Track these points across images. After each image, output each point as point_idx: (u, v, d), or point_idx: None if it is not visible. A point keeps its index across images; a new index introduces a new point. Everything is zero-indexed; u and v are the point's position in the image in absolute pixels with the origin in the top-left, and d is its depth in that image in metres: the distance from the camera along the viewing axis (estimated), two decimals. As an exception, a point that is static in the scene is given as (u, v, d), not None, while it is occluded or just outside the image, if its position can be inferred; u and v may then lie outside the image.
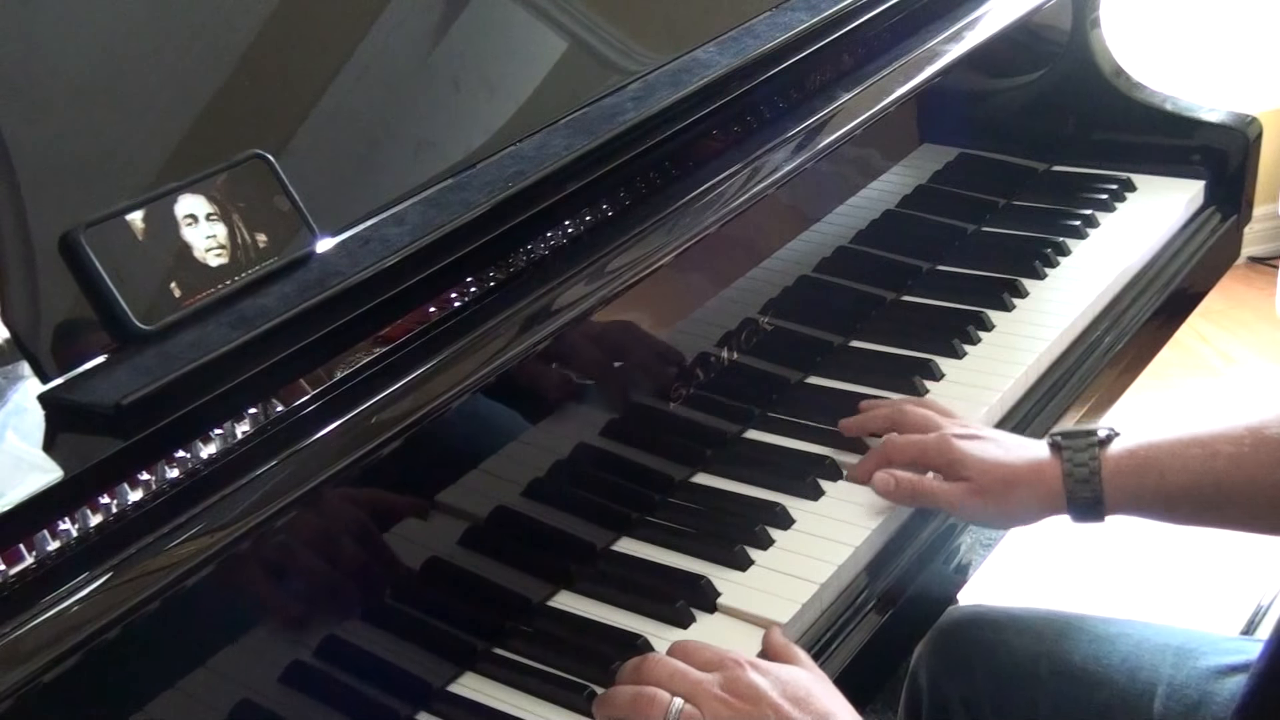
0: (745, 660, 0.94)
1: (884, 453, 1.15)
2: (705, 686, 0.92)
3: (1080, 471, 1.07)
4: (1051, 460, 1.09)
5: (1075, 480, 1.07)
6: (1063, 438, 1.09)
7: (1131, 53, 1.77)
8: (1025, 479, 1.09)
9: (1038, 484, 1.08)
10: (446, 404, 0.94)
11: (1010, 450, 1.11)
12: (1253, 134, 1.59)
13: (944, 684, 1.23)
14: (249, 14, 1.00)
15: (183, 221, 0.88)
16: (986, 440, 1.12)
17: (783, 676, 0.93)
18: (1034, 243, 1.50)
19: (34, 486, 0.76)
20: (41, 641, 0.74)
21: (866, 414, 1.20)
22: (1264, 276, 3.11)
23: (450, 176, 1.01)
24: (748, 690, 0.91)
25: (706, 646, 0.97)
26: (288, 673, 0.90)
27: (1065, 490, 1.07)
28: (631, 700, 0.93)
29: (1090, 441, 1.08)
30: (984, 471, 1.09)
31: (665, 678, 0.93)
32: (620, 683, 0.96)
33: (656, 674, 0.94)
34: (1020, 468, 1.09)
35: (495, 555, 1.04)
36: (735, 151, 1.16)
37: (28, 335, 0.81)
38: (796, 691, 0.91)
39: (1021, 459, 1.10)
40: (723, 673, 0.93)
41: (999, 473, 1.09)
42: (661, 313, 1.15)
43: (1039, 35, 1.60)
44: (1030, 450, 1.11)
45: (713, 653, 0.95)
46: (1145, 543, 2.22)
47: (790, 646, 0.99)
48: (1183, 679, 1.13)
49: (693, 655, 0.96)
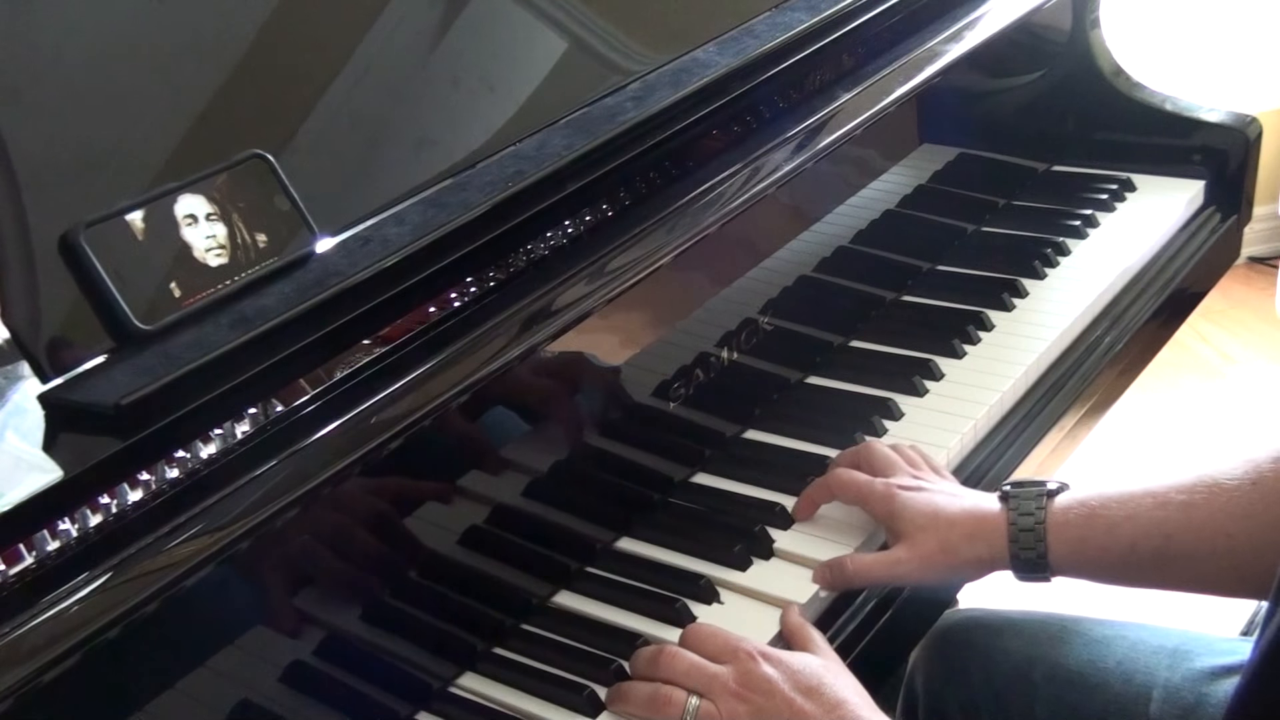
0: (757, 651, 0.94)
1: (828, 486, 1.12)
2: (721, 681, 0.93)
3: (1025, 521, 1.03)
4: (998, 512, 1.05)
5: (1019, 530, 1.03)
6: (1012, 487, 1.06)
7: (1131, 53, 1.77)
8: (965, 530, 1.05)
9: (979, 537, 1.04)
10: (446, 404, 0.94)
11: (954, 500, 1.07)
12: (1253, 134, 1.59)
13: (940, 688, 1.23)
14: (249, 14, 1.00)
15: (183, 221, 0.88)
16: (933, 493, 1.08)
17: (794, 666, 0.93)
18: (1034, 243, 1.50)
19: (34, 486, 0.76)
20: (41, 641, 0.74)
21: (817, 489, 1.14)
22: (1264, 276, 3.11)
23: (450, 176, 1.01)
24: (761, 683, 0.92)
25: (719, 633, 0.97)
26: (288, 673, 0.90)
27: (1009, 542, 1.04)
28: (649, 699, 0.94)
29: (1038, 491, 1.05)
30: (922, 527, 1.05)
31: (681, 674, 0.94)
32: (635, 674, 0.97)
33: (673, 669, 0.94)
34: (958, 518, 1.05)
35: (495, 555, 1.04)
36: (735, 151, 1.16)
37: (28, 335, 0.81)
38: (809, 681, 0.92)
39: (961, 509, 1.06)
40: (735, 665, 0.94)
41: (936, 526, 1.05)
42: (661, 313, 1.15)
43: (1039, 35, 1.60)
44: (976, 501, 1.07)
45: (725, 641, 0.96)
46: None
47: (805, 628, 1.00)
48: (1179, 681, 1.12)
49: (706, 643, 0.96)
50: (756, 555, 1.10)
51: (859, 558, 1.08)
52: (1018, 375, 1.30)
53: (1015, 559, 1.04)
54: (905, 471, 1.12)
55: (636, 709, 0.95)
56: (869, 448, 1.14)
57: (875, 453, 1.14)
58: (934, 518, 1.06)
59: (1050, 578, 1.05)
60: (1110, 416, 1.43)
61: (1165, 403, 2.72)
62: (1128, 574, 1.05)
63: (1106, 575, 1.06)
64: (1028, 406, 1.31)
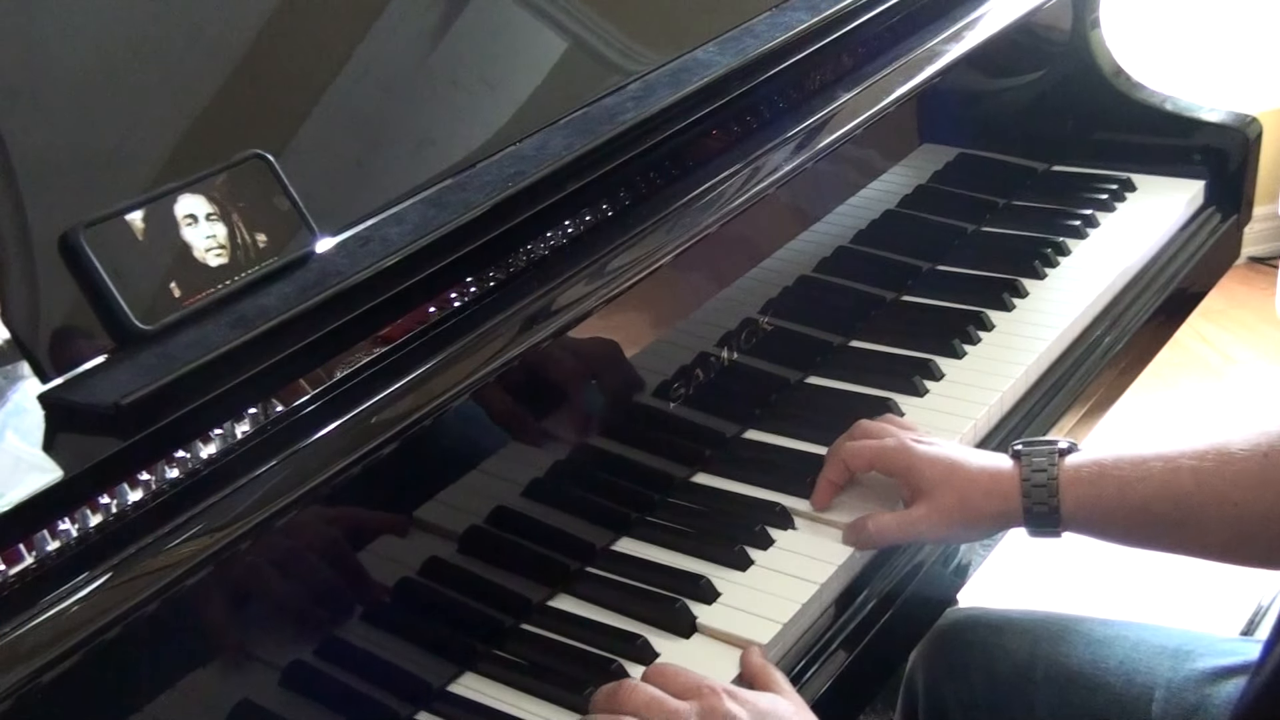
0: (723, 689, 0.92)
1: (840, 461, 1.13)
2: (682, 716, 0.90)
3: (1039, 477, 1.05)
4: (1011, 469, 1.06)
5: (1033, 485, 1.04)
6: (1024, 445, 1.07)
7: (1131, 53, 1.77)
8: (982, 485, 1.06)
9: (994, 492, 1.06)
10: (446, 404, 0.94)
11: (969, 458, 1.09)
12: (1253, 134, 1.59)
13: (941, 686, 1.23)
14: (249, 14, 1.00)
15: (183, 221, 0.88)
16: (947, 448, 1.10)
17: (761, 707, 0.91)
18: (1034, 243, 1.50)
19: (34, 486, 0.76)
20: (41, 641, 0.74)
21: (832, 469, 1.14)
22: (1264, 276, 3.11)
23: (450, 176, 1.01)
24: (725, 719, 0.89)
25: (683, 671, 0.95)
26: (288, 673, 0.90)
27: (1022, 496, 1.05)
28: None
29: (1051, 449, 1.06)
30: (941, 480, 1.07)
31: (641, 706, 0.91)
32: (595, 709, 0.94)
33: (633, 702, 0.92)
34: (977, 474, 1.07)
35: (495, 555, 1.04)
36: (735, 151, 1.16)
37: (28, 335, 0.81)
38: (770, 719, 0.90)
39: (980, 466, 1.08)
40: (700, 701, 0.91)
41: (956, 479, 1.07)
42: (661, 313, 1.15)
43: (1039, 35, 1.60)
44: (990, 459, 1.09)
45: (690, 679, 0.93)
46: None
47: (768, 669, 0.97)
48: (1180, 681, 1.12)
49: (670, 681, 0.94)
50: (756, 555, 1.09)
51: (879, 516, 1.09)
52: (1018, 375, 1.30)
53: (1028, 513, 1.05)
54: (908, 430, 1.14)
55: None
56: (861, 423, 1.16)
57: (869, 424, 1.16)
58: (952, 471, 1.07)
59: (1060, 533, 1.06)
60: (1110, 416, 1.43)
61: (1165, 403, 2.72)
62: (1136, 533, 1.06)
63: (1115, 533, 1.07)
64: (1028, 406, 1.31)
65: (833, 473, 1.13)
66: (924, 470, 1.08)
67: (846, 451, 1.13)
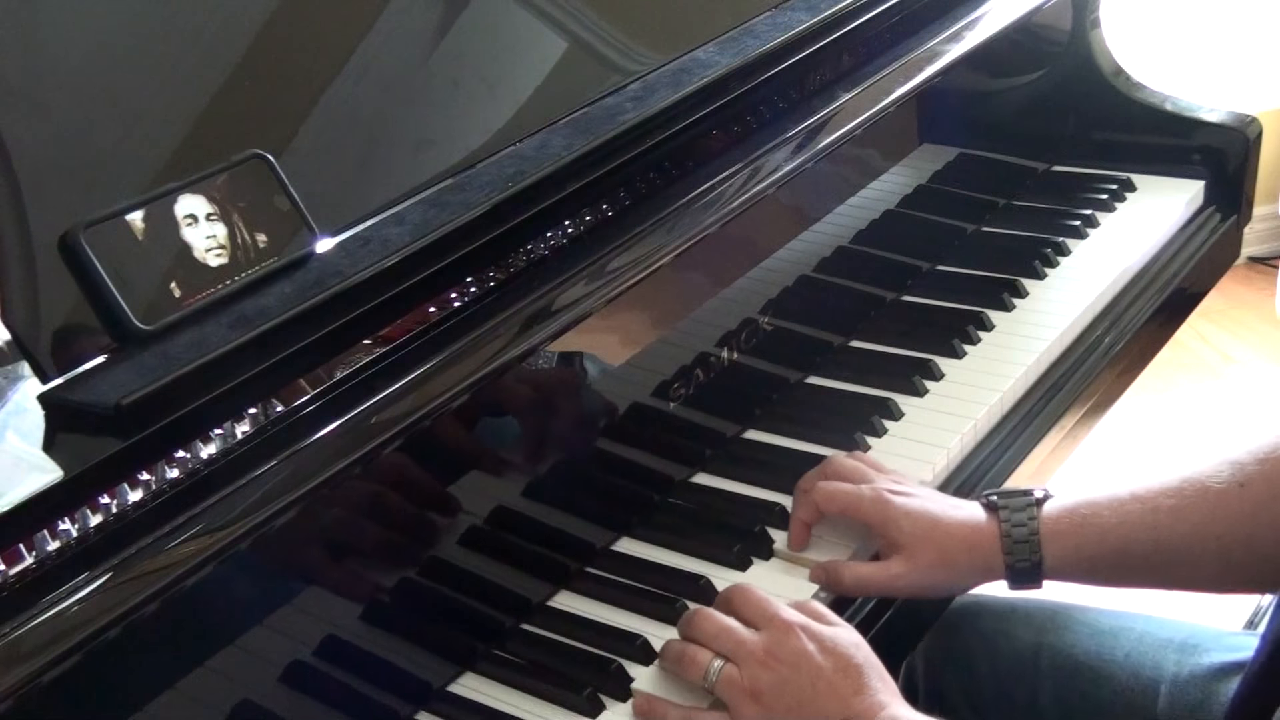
0: (796, 623, 0.94)
1: (812, 502, 1.09)
2: (748, 648, 0.93)
3: (1019, 532, 1.03)
4: (988, 521, 1.04)
5: (1014, 541, 1.03)
6: (999, 498, 1.05)
7: (1131, 53, 1.77)
8: (963, 542, 1.04)
9: (976, 546, 1.04)
10: (446, 404, 0.94)
11: (945, 510, 1.06)
12: (1253, 134, 1.59)
13: (944, 673, 1.23)
14: (249, 14, 1.00)
15: (183, 221, 0.88)
16: (921, 499, 1.07)
17: (828, 644, 0.93)
18: (1034, 243, 1.50)
19: (34, 486, 0.76)
20: (41, 641, 0.74)
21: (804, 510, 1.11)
22: (1264, 276, 3.11)
23: (450, 176, 1.01)
24: (790, 655, 0.92)
25: (762, 600, 0.97)
26: (288, 673, 0.90)
27: (1004, 554, 1.03)
28: (677, 658, 0.96)
29: (1027, 501, 1.04)
30: (920, 536, 1.04)
31: (710, 636, 0.95)
32: (679, 632, 0.99)
33: (703, 630, 0.95)
34: (956, 528, 1.04)
35: (495, 555, 1.04)
36: (735, 151, 1.16)
37: (28, 335, 0.81)
38: (840, 661, 0.92)
39: (957, 519, 1.05)
40: (769, 633, 0.93)
41: (935, 535, 1.04)
42: (661, 313, 1.15)
43: (1039, 35, 1.60)
44: (966, 511, 1.06)
45: (763, 608, 0.96)
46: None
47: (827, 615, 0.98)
48: (1186, 676, 1.12)
49: (741, 608, 0.96)
50: (756, 555, 1.10)
51: (857, 568, 1.06)
52: (1018, 375, 1.30)
53: (1010, 569, 1.04)
54: (884, 476, 1.10)
55: (670, 666, 0.97)
56: (834, 461, 1.12)
57: (843, 463, 1.11)
58: (933, 527, 1.04)
59: (1041, 585, 1.05)
60: (1110, 416, 1.43)
61: (1165, 403, 2.72)
62: (1120, 577, 1.05)
63: (1099, 579, 1.06)
64: (1028, 406, 1.30)
65: (804, 513, 1.10)
66: (902, 524, 1.05)
67: (820, 494, 1.08)
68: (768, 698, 0.91)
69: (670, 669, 0.97)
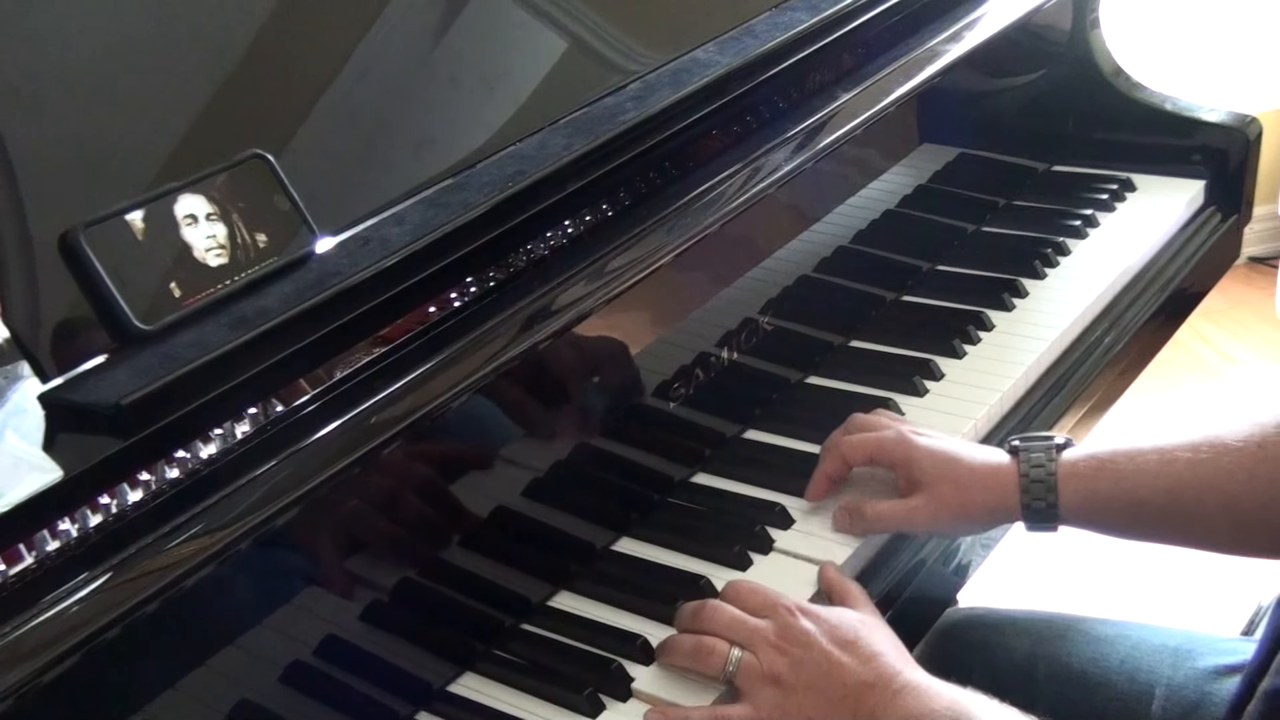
0: (796, 606, 0.97)
1: (838, 455, 1.12)
2: (761, 634, 0.95)
3: (1037, 473, 1.05)
4: (1009, 464, 1.07)
5: (1031, 481, 1.05)
6: (1020, 440, 1.08)
7: (1131, 53, 1.77)
8: (981, 480, 1.07)
9: (994, 486, 1.07)
10: (446, 404, 0.94)
11: (967, 451, 1.10)
12: (1253, 134, 1.59)
13: None
14: (249, 13, 1.00)
15: (183, 221, 0.88)
16: (943, 440, 1.11)
17: (831, 620, 0.96)
18: (1034, 243, 1.50)
19: (34, 486, 0.76)
20: (41, 641, 0.74)
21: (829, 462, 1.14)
22: (1264, 276, 3.11)
23: (450, 176, 1.01)
24: (799, 636, 0.95)
25: (759, 589, 1.00)
26: (288, 672, 0.90)
27: (1021, 492, 1.05)
28: (693, 651, 0.97)
29: (1048, 444, 1.07)
30: (940, 473, 1.07)
31: (724, 626, 0.97)
32: (679, 628, 1.00)
33: (716, 622, 0.97)
34: (977, 467, 1.08)
35: (495, 555, 1.03)
36: (735, 151, 1.16)
37: (28, 335, 0.81)
38: (845, 635, 0.95)
39: (978, 460, 1.08)
40: (775, 619, 0.96)
41: (954, 472, 1.07)
42: (661, 313, 1.15)
43: (1039, 35, 1.60)
44: (987, 454, 1.10)
45: (765, 596, 0.99)
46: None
47: (844, 581, 1.04)
48: (1181, 680, 1.13)
49: (746, 599, 0.99)
50: (757, 555, 1.09)
51: (877, 504, 1.09)
52: (1018, 375, 1.30)
53: (1026, 509, 1.06)
54: (905, 423, 1.14)
55: (681, 660, 0.98)
56: (856, 417, 1.16)
57: (865, 417, 1.15)
58: (952, 465, 1.08)
59: (1057, 528, 1.07)
60: (1110, 416, 1.43)
61: (1165, 403, 2.72)
62: (1134, 527, 1.06)
63: (1113, 527, 1.07)
64: (1028, 406, 1.30)
65: (830, 467, 1.13)
66: (923, 461, 1.08)
67: (845, 445, 1.12)
68: (787, 679, 0.94)
69: (682, 663, 0.98)
